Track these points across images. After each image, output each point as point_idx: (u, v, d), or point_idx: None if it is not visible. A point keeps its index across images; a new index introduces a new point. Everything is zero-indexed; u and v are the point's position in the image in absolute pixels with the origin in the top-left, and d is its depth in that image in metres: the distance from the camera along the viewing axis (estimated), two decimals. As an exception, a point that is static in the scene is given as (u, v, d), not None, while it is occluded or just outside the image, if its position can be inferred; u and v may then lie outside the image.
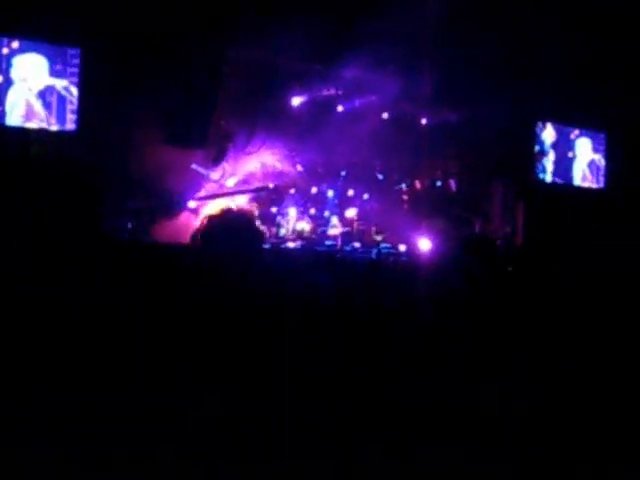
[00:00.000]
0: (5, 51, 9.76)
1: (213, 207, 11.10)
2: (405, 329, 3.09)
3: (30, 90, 10.02)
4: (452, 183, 12.59)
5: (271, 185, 11.55)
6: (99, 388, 2.16)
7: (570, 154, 13.73)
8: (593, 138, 13.93)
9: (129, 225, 10.36)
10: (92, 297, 2.07)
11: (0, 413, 2.00)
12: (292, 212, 11.67)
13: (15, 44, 9.84)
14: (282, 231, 11.54)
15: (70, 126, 10.14)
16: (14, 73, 9.91)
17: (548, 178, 13.46)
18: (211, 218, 2.55)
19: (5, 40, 9.76)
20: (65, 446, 2.05)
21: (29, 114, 9.98)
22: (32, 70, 10.03)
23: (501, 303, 3.08)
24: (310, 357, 2.76)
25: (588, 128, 13.76)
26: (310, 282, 4.46)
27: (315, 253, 9.97)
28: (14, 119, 9.89)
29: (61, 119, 10.09)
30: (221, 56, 10.96)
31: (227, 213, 3.16)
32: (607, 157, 13.94)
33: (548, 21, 11.11)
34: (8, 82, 9.88)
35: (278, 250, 10.15)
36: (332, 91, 11.91)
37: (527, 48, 11.44)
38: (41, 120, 10.00)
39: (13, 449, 1.87)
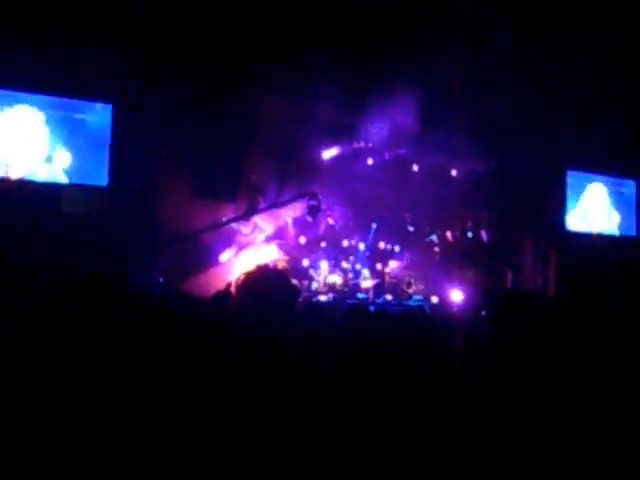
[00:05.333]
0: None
1: (245, 261, 11.03)
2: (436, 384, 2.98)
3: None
4: (483, 234, 12.46)
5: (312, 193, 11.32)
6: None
7: (592, 202, 13.67)
8: (619, 186, 13.90)
9: (161, 280, 10.29)
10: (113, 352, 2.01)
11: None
12: (324, 265, 11.60)
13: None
14: (314, 284, 11.46)
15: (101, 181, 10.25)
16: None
17: (573, 227, 13.32)
18: (248, 275, 2.57)
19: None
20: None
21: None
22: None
23: (536, 358, 2.95)
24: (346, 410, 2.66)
25: (616, 176, 13.73)
26: (343, 334, 4.35)
27: (348, 306, 9.80)
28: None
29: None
30: (252, 107, 10.97)
31: (264, 270, 3.11)
32: (637, 204, 13.88)
33: (580, 73, 11.13)
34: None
35: (311, 304, 10.03)
36: (362, 144, 11.89)
37: (558, 98, 11.44)
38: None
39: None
